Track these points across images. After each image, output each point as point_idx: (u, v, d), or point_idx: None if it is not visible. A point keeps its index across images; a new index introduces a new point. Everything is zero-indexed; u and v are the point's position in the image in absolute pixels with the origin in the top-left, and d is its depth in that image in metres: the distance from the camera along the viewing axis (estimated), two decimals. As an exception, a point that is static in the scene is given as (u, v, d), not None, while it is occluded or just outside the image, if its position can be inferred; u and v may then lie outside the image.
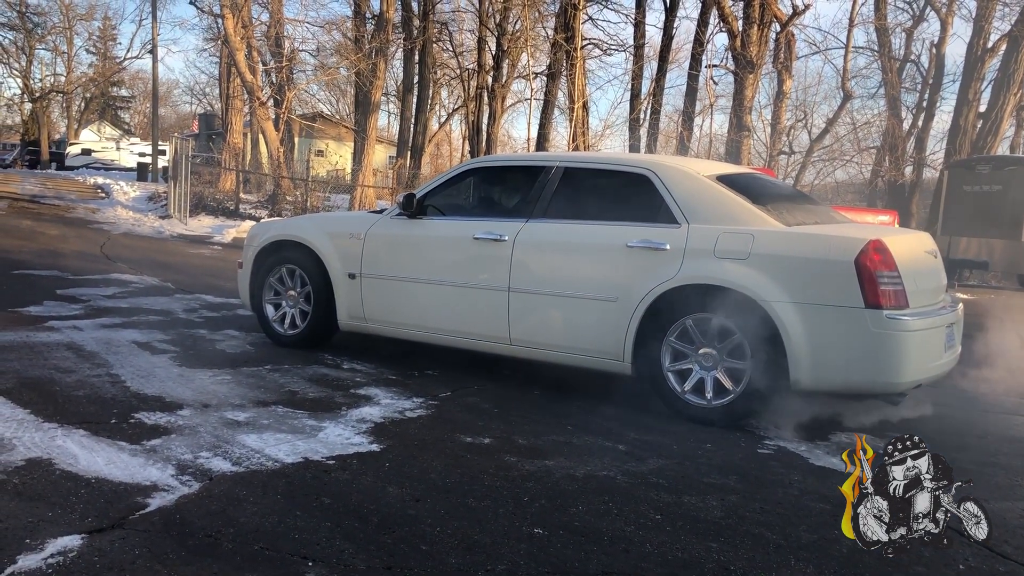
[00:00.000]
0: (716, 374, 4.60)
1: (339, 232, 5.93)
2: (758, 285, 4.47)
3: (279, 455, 3.70)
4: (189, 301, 7.96)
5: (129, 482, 3.29)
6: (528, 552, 2.86)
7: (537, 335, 5.15)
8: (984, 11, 19.29)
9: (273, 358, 5.69)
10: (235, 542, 2.82)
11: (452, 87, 33.43)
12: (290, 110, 23.62)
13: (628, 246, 4.86)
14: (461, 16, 27.89)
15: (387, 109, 37.78)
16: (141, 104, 59.41)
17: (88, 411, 4.20)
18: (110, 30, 53.06)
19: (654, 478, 3.69)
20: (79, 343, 5.73)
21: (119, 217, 18.44)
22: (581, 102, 22.24)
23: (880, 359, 4.32)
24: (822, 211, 5.60)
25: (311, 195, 19.68)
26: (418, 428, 4.26)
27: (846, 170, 24.15)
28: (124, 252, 12.29)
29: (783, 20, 20.12)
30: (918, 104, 23.75)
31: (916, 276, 4.60)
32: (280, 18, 23.42)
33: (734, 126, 20.43)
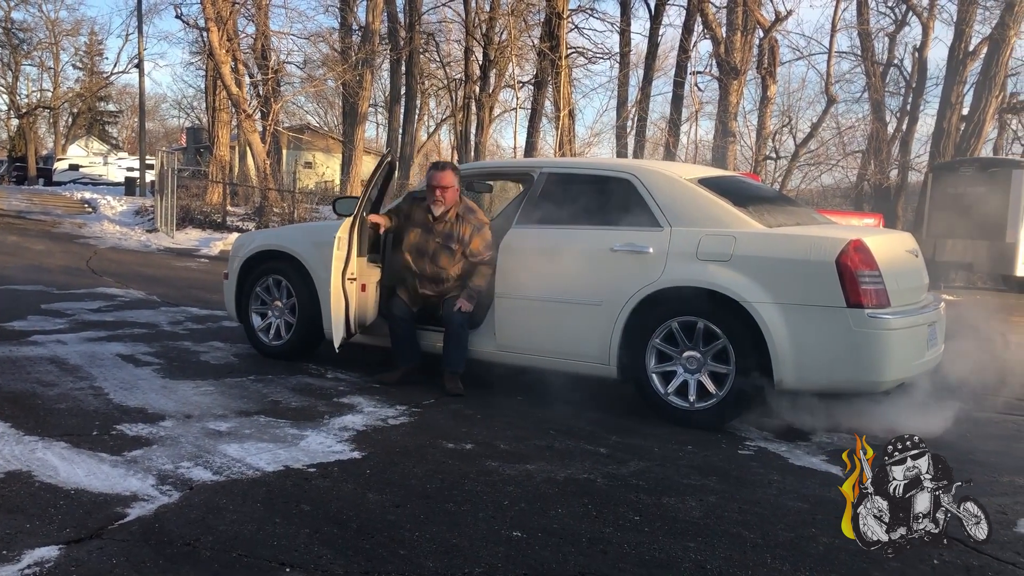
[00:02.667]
0: (700, 376, 4.61)
1: (326, 242, 5.92)
2: (741, 286, 4.49)
3: (260, 464, 3.70)
4: (175, 314, 7.94)
5: (109, 492, 3.29)
6: (506, 555, 2.86)
7: (522, 340, 5.16)
8: (965, 15, 19.44)
9: (258, 368, 5.68)
10: (213, 549, 2.82)
11: (440, 97, 33.53)
12: (277, 122, 23.61)
13: (612, 250, 4.88)
14: (448, 26, 28.01)
15: (375, 120, 37.87)
16: (128, 119, 59.30)
17: (70, 423, 4.19)
18: (96, 45, 52.98)
19: (634, 480, 3.70)
20: (62, 357, 5.71)
21: (106, 231, 18.39)
22: (567, 110, 22.30)
23: (863, 358, 4.35)
24: (803, 212, 5.63)
25: (298, 207, 19.67)
26: (400, 435, 4.26)
27: (832, 174, 24.30)
28: (110, 266, 12.26)
29: (766, 26, 20.23)
30: (902, 108, 23.90)
31: (897, 275, 4.63)
32: (266, 31, 23.44)
33: (720, 132, 20.52)
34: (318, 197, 23.09)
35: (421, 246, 5.38)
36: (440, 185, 5.31)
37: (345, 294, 5.34)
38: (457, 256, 5.33)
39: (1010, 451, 4.55)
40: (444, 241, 5.32)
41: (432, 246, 5.34)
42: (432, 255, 5.34)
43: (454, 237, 5.32)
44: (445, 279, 5.36)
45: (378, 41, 23.96)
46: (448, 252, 5.32)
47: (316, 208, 20.80)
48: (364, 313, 5.54)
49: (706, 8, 20.48)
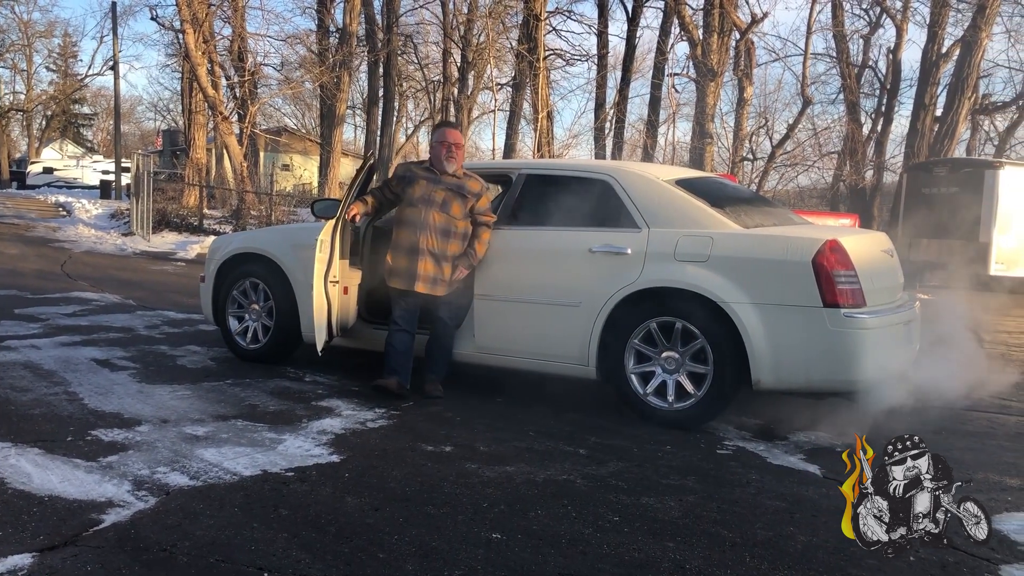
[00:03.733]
0: (679, 377, 4.63)
1: (304, 244, 5.87)
2: (718, 287, 4.51)
3: (237, 468, 3.67)
4: (151, 318, 7.87)
5: (84, 499, 3.25)
6: (485, 557, 2.86)
7: (502, 342, 5.16)
8: (937, 17, 19.67)
9: (235, 372, 5.64)
10: (190, 555, 2.79)
11: (418, 99, 33.38)
12: (254, 124, 23.47)
13: (590, 251, 4.89)
14: (426, 28, 27.93)
15: (353, 122, 37.74)
16: (104, 121, 58.65)
17: (44, 429, 4.14)
18: (70, 47, 52.34)
19: (613, 481, 3.70)
20: (36, 362, 5.64)
21: (81, 235, 18.19)
22: (545, 112, 22.34)
23: (839, 357, 4.38)
24: (780, 213, 5.67)
25: (276, 209, 19.56)
26: (379, 438, 4.24)
27: (808, 175, 24.47)
28: (85, 270, 12.13)
29: (742, 28, 20.36)
30: (877, 109, 24.15)
31: (873, 275, 4.67)
32: (242, 32, 23.27)
33: (697, 134, 20.62)
34: (296, 200, 22.99)
35: (429, 196, 5.13)
36: (455, 142, 5.18)
37: (327, 297, 5.30)
38: (469, 206, 5.14)
39: (984, 448, 4.60)
40: (456, 190, 5.15)
41: (441, 195, 5.12)
42: (442, 203, 5.11)
43: (465, 188, 5.16)
44: (454, 233, 5.10)
45: (356, 43, 23.85)
46: (460, 200, 5.12)
47: (294, 211, 20.69)
48: (346, 316, 5.52)
49: (683, 10, 20.58)
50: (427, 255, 5.07)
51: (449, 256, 5.10)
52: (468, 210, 5.15)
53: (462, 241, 5.15)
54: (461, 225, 5.14)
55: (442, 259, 5.09)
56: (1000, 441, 4.77)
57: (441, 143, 5.19)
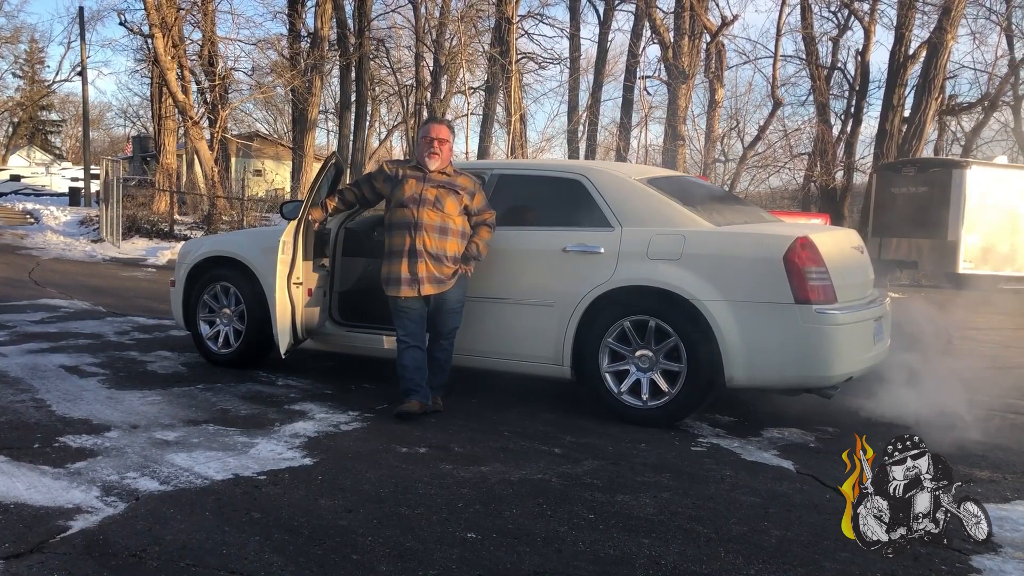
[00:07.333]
0: (653, 375, 4.63)
1: (275, 247, 5.81)
2: (691, 285, 4.53)
3: (209, 472, 3.62)
4: (121, 324, 7.77)
5: (51, 506, 3.19)
6: (460, 556, 2.84)
7: (477, 343, 5.13)
8: (904, 19, 19.93)
9: (206, 377, 5.57)
10: (160, 560, 2.75)
11: (391, 104, 33.32)
12: (225, 129, 23.27)
13: (564, 250, 4.89)
14: (398, 32, 27.87)
15: (325, 127, 37.47)
16: (72, 128, 58.02)
17: (9, 437, 4.06)
18: (37, 53, 51.61)
19: (588, 479, 3.70)
20: (2, 369, 5.55)
21: (49, 242, 17.95)
22: (518, 115, 22.37)
23: (811, 353, 4.41)
24: (751, 211, 5.70)
25: (248, 214, 19.42)
26: (353, 441, 4.21)
27: (780, 176, 24.73)
28: (54, 277, 11.96)
29: (713, 31, 20.52)
30: (846, 110, 24.40)
31: (844, 271, 4.71)
32: (212, 37, 23.10)
33: (669, 136, 20.76)
34: (268, 205, 22.82)
35: (419, 195, 4.76)
36: (438, 137, 4.84)
37: (291, 299, 5.24)
38: (462, 202, 4.82)
39: (958, 443, 4.64)
40: (447, 186, 4.80)
41: (433, 192, 4.76)
42: (435, 201, 4.74)
43: (456, 184, 4.83)
44: (451, 231, 4.77)
45: (327, 47, 23.77)
46: (453, 196, 4.78)
47: (266, 216, 20.55)
48: (311, 318, 5.45)
49: (654, 13, 20.72)
50: (425, 256, 4.71)
51: (448, 256, 4.77)
52: (463, 208, 4.85)
53: (460, 239, 4.83)
54: (458, 222, 4.81)
55: (442, 259, 4.75)
56: (969, 434, 4.81)
57: (425, 138, 4.90)
